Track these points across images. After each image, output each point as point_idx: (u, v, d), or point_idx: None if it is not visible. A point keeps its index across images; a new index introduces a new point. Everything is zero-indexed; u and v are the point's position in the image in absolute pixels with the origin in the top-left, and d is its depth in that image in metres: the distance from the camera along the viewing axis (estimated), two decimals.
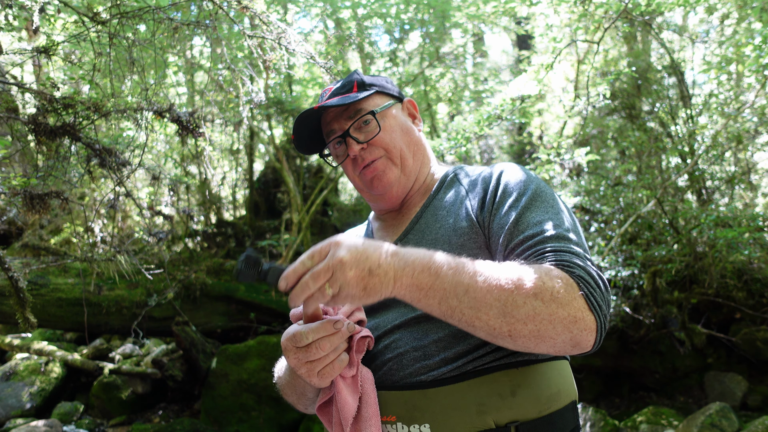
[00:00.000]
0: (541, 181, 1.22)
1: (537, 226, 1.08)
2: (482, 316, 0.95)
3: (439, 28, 6.92)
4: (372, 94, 1.31)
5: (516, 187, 1.17)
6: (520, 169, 1.24)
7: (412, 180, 1.33)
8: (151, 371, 6.08)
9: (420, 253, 0.99)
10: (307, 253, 0.96)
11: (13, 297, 2.53)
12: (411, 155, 1.33)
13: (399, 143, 1.30)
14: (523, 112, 6.63)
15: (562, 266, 0.99)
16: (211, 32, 2.47)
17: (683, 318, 5.64)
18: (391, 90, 1.38)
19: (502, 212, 1.14)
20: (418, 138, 1.37)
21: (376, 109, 1.29)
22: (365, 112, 1.28)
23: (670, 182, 5.89)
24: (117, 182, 2.74)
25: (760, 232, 4.97)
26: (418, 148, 1.35)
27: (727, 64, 6.47)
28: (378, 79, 1.37)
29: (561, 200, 1.20)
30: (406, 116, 1.38)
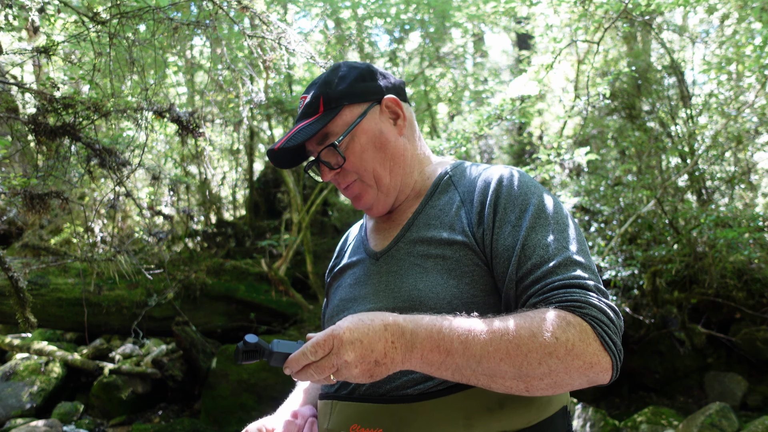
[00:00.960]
0: (542, 190, 1.16)
1: (543, 250, 1.04)
2: (498, 380, 0.95)
3: (439, 28, 6.92)
4: (341, 111, 1.20)
5: (517, 202, 1.11)
6: (519, 177, 1.17)
7: (393, 195, 1.26)
8: (151, 371, 6.08)
9: (427, 327, 0.95)
10: (310, 345, 0.93)
11: (13, 297, 2.53)
12: (387, 172, 1.23)
13: (371, 165, 1.22)
14: (523, 112, 6.63)
15: (574, 308, 0.96)
16: (211, 32, 2.47)
17: (683, 318, 5.64)
18: (367, 91, 1.24)
19: (505, 233, 1.08)
20: (396, 148, 1.24)
21: (339, 138, 1.19)
22: (330, 142, 1.20)
23: (670, 182, 5.89)
24: (117, 182, 2.75)
25: (760, 232, 4.97)
26: (396, 161, 1.24)
27: (727, 64, 6.47)
28: (351, 85, 1.23)
29: (563, 209, 1.15)
30: (385, 119, 1.25)
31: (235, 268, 6.28)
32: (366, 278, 1.23)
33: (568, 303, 0.97)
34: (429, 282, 1.10)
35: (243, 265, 6.40)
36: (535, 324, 0.94)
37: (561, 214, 1.11)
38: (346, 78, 1.23)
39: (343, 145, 1.20)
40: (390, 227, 1.28)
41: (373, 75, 1.26)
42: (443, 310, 1.05)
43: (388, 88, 1.27)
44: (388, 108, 1.25)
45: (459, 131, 3.98)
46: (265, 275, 6.33)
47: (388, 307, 1.12)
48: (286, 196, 8.74)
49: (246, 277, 6.28)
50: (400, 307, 1.10)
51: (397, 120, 1.26)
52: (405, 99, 1.31)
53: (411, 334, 0.95)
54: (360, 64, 1.28)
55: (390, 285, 1.16)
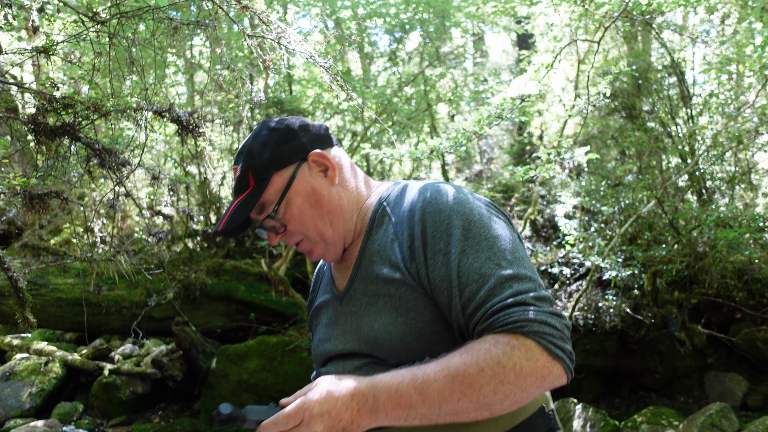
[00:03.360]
0: (465, 202, 1.15)
1: (477, 275, 1.06)
2: (462, 416, 1.02)
3: (438, 27, 6.92)
4: (270, 180, 1.23)
5: (442, 228, 1.12)
6: (441, 196, 1.16)
7: (340, 243, 1.29)
8: (151, 371, 6.08)
9: (386, 389, 1.03)
10: (281, 416, 1.03)
11: (13, 297, 2.53)
12: (329, 226, 1.26)
13: (311, 223, 1.25)
14: (523, 111, 6.63)
15: (515, 330, 1.00)
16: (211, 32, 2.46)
17: (683, 318, 5.64)
18: (291, 153, 1.25)
19: (438, 264, 1.10)
20: (331, 201, 1.26)
21: (274, 207, 1.23)
22: (267, 213, 1.24)
23: (670, 182, 5.89)
24: (117, 182, 2.74)
25: (760, 232, 4.96)
26: (335, 213, 1.26)
27: (727, 64, 6.47)
28: (275, 151, 1.24)
29: (489, 220, 1.14)
30: (316, 174, 1.26)
31: (235, 268, 6.28)
32: (335, 319, 1.29)
33: (509, 326, 1.01)
34: (381, 322, 1.16)
35: (243, 265, 6.39)
36: (482, 357, 1.00)
37: (487, 227, 1.12)
38: (269, 144, 1.25)
39: (281, 212, 1.24)
40: (346, 266, 1.31)
41: (294, 134, 1.27)
42: (398, 347, 1.13)
43: (312, 141, 1.28)
44: (315, 163, 1.27)
45: (459, 130, 3.97)
46: (265, 275, 6.32)
47: (354, 348, 1.21)
48: None
49: (246, 277, 6.27)
50: (363, 348, 1.19)
51: (327, 172, 1.27)
52: (331, 144, 1.32)
53: (373, 398, 1.03)
54: (280, 124, 1.29)
55: (353, 326, 1.22)
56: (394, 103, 6.95)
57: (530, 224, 7.28)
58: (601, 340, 5.83)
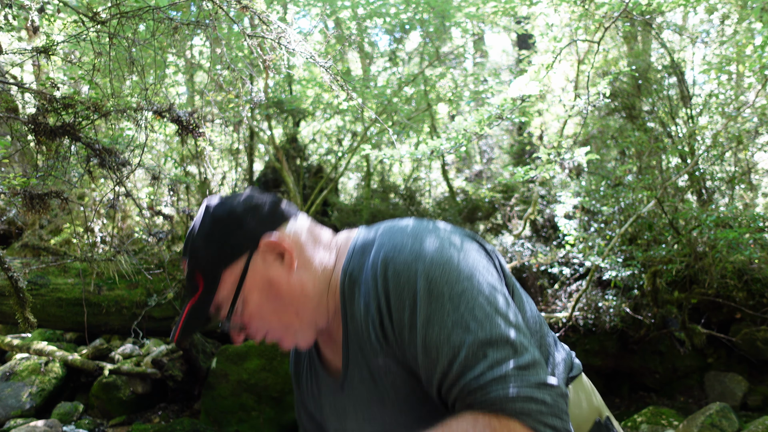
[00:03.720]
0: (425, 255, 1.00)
1: (447, 348, 0.93)
2: None
3: (438, 27, 6.92)
4: (221, 279, 1.10)
5: (404, 296, 0.98)
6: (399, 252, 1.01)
7: (311, 329, 1.15)
8: (151, 371, 6.08)
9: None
10: None
11: (13, 297, 2.53)
12: (294, 316, 1.12)
13: (272, 317, 1.12)
14: (523, 111, 6.63)
15: (496, 410, 0.89)
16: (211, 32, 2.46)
17: (683, 318, 5.64)
18: (239, 245, 1.09)
19: (407, 341, 0.98)
20: (292, 290, 1.11)
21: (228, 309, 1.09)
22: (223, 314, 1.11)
23: (670, 182, 5.89)
24: (117, 182, 2.74)
25: (760, 232, 4.96)
26: (298, 302, 1.12)
27: (727, 64, 6.47)
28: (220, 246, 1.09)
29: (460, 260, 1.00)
30: (271, 263, 1.11)
31: None
32: (343, 410, 1.18)
33: (488, 405, 0.90)
34: (390, 418, 1.07)
35: None
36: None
37: (452, 280, 0.97)
38: (213, 238, 1.10)
39: (238, 311, 1.11)
40: (334, 345, 1.19)
41: (239, 221, 1.10)
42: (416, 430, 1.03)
43: (262, 224, 1.12)
44: (268, 250, 1.10)
45: (459, 131, 3.98)
46: None
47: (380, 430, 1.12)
48: (286, 196, 8.74)
49: None
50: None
51: (284, 257, 1.11)
52: (285, 218, 1.15)
53: None
54: (224, 210, 1.12)
55: (366, 415, 1.12)
56: (394, 103, 6.95)
57: (530, 224, 7.28)
58: (601, 340, 5.83)
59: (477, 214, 7.98)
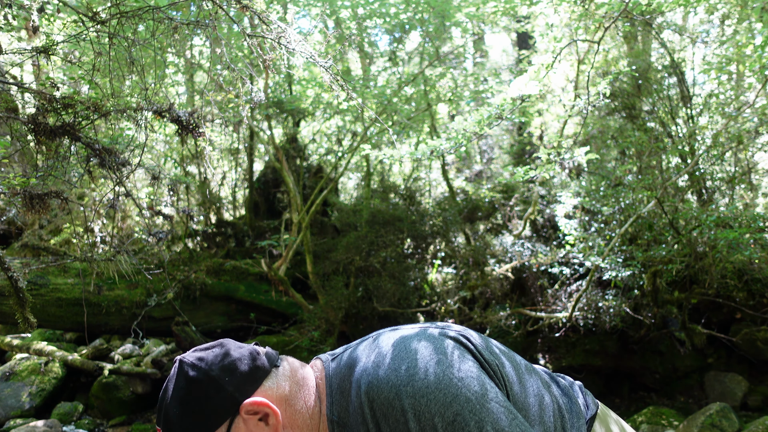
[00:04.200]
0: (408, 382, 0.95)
1: None
2: None
3: (438, 27, 6.92)
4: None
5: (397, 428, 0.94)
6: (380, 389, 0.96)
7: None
8: (151, 371, 6.08)
9: None
10: None
11: (13, 297, 2.53)
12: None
13: None
14: (523, 111, 6.63)
15: None
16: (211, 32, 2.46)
17: (683, 318, 5.64)
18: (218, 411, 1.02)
19: None
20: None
21: None
22: None
23: (670, 182, 5.89)
24: (117, 182, 2.74)
25: (760, 232, 4.96)
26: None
27: (727, 64, 6.47)
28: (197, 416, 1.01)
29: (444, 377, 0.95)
30: (254, 426, 1.04)
31: (235, 268, 6.28)
32: None
33: None
34: None
35: (243, 265, 6.40)
36: None
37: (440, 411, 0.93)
38: (189, 407, 1.01)
39: None
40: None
41: (217, 386, 1.02)
42: None
43: (241, 386, 1.04)
44: (249, 414, 1.03)
45: (459, 131, 3.98)
46: (265, 275, 6.33)
47: None
48: (286, 196, 8.74)
49: (246, 277, 6.28)
50: None
51: (268, 419, 1.04)
52: (266, 371, 1.08)
53: None
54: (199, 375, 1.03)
55: None
56: (394, 103, 6.95)
57: (530, 224, 7.28)
58: (601, 340, 5.83)
59: (477, 214, 7.98)
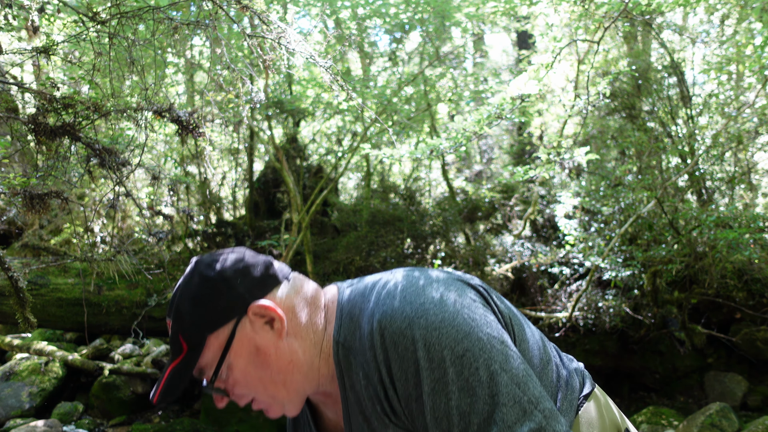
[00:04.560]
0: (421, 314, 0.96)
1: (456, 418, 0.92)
2: None
3: (438, 27, 6.92)
4: (206, 344, 1.06)
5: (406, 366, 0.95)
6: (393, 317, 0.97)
7: (299, 397, 1.11)
8: (151, 371, 6.08)
9: None
10: None
11: (13, 297, 2.53)
12: (281, 385, 1.08)
13: (259, 385, 1.08)
14: (523, 111, 6.62)
15: None
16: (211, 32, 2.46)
17: (683, 318, 5.64)
18: (227, 310, 1.05)
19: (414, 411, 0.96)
20: (281, 358, 1.07)
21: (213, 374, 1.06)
22: (207, 377, 1.07)
23: (670, 182, 5.89)
24: (117, 182, 2.74)
25: (760, 233, 4.97)
26: (287, 371, 1.08)
27: (727, 64, 6.47)
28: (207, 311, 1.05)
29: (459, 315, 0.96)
30: (260, 328, 1.06)
31: None
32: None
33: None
34: None
35: None
36: None
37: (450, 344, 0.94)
38: (200, 301, 1.06)
39: (222, 376, 1.07)
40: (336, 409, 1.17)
41: (229, 284, 1.07)
42: None
43: (252, 289, 1.08)
44: (257, 316, 1.06)
45: (459, 131, 3.98)
46: None
47: None
48: (286, 196, 8.74)
49: None
50: None
51: (273, 323, 1.07)
52: (277, 281, 1.11)
53: None
54: (212, 271, 1.08)
55: None
56: (394, 103, 6.95)
57: (530, 224, 7.28)
58: (601, 340, 5.83)
59: (477, 214, 7.98)
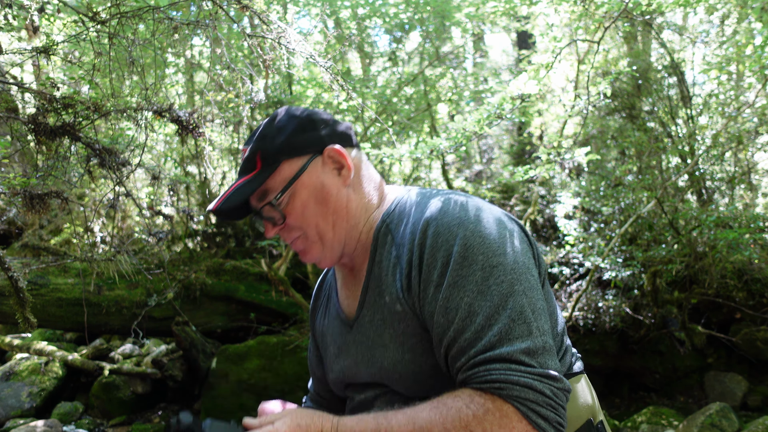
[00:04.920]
0: (469, 222, 1.03)
1: (465, 313, 0.96)
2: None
3: (438, 27, 6.92)
4: (279, 167, 1.15)
5: (439, 255, 1.01)
6: (445, 215, 1.05)
7: (338, 249, 1.20)
8: (151, 371, 6.08)
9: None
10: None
11: (13, 297, 2.53)
12: (330, 227, 1.17)
13: (312, 220, 1.16)
14: (523, 111, 6.62)
15: (493, 390, 0.91)
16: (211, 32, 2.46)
17: (683, 318, 5.64)
18: (307, 143, 1.16)
19: (429, 298, 1.02)
20: (339, 201, 1.17)
21: (276, 195, 1.14)
22: (268, 200, 1.15)
23: (670, 182, 5.89)
24: (117, 182, 2.74)
25: (760, 232, 4.97)
26: (339, 215, 1.17)
27: (727, 64, 6.48)
28: (289, 138, 1.15)
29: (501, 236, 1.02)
30: (328, 171, 1.17)
31: (235, 268, 6.28)
32: (346, 348, 1.22)
33: (486, 384, 0.92)
34: (390, 359, 1.10)
35: (243, 265, 6.40)
36: (450, 416, 0.92)
37: (489, 252, 1.00)
38: (284, 130, 1.17)
39: (283, 202, 1.15)
40: (355, 284, 1.24)
41: (313, 124, 1.18)
42: (412, 385, 1.08)
43: (331, 136, 1.19)
44: (330, 159, 1.17)
45: (459, 130, 3.98)
46: (265, 275, 6.32)
47: (367, 380, 1.17)
48: None
49: (246, 277, 6.27)
50: (377, 380, 1.14)
51: (341, 170, 1.18)
52: (351, 144, 1.22)
53: None
54: (300, 112, 1.21)
55: (364, 357, 1.17)
56: (394, 103, 6.95)
57: (530, 224, 7.28)
58: (601, 340, 5.83)
59: None
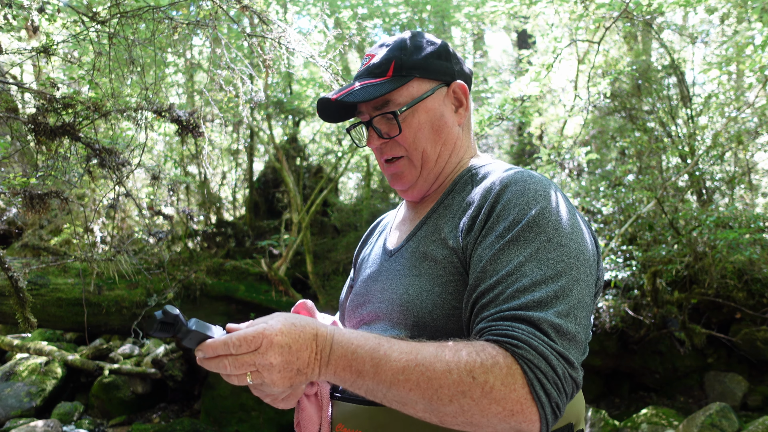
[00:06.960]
0: (551, 199, 1.03)
1: (514, 267, 0.94)
2: (409, 409, 0.91)
3: (438, 27, 6.92)
4: (409, 82, 1.15)
5: (514, 211, 1.00)
6: (531, 183, 1.05)
7: (431, 181, 1.21)
8: (151, 371, 6.08)
9: (345, 345, 0.93)
10: (235, 337, 0.89)
11: (13, 297, 2.53)
12: (435, 156, 1.19)
13: (423, 144, 1.17)
14: (523, 111, 6.62)
15: (509, 347, 0.87)
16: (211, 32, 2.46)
17: (683, 318, 5.64)
18: (440, 70, 1.18)
19: (486, 244, 1.00)
20: (450, 135, 1.20)
21: (401, 108, 1.14)
22: (390, 109, 1.15)
23: (670, 182, 5.89)
24: (117, 182, 2.74)
25: (760, 233, 4.96)
26: (447, 148, 1.20)
27: (727, 64, 6.47)
28: (426, 58, 1.17)
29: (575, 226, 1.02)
30: (448, 104, 1.20)
31: (235, 268, 6.28)
32: (377, 275, 1.20)
33: (505, 339, 0.88)
34: (418, 287, 1.06)
35: (243, 265, 6.40)
36: (455, 358, 0.88)
37: (560, 231, 0.99)
38: (422, 49, 1.19)
39: (402, 117, 1.15)
40: (411, 221, 1.24)
41: (448, 55, 1.21)
42: (425, 318, 1.03)
43: (461, 73, 1.22)
44: (454, 93, 1.21)
45: None
46: (265, 275, 6.33)
47: (383, 309, 1.12)
48: (285, 196, 8.73)
49: (246, 277, 6.28)
50: (393, 309, 1.09)
51: (459, 108, 1.22)
52: (470, 89, 1.26)
53: (330, 348, 0.93)
54: (438, 40, 1.23)
55: (391, 285, 1.13)
56: None
57: None
58: (601, 340, 5.83)
59: None
